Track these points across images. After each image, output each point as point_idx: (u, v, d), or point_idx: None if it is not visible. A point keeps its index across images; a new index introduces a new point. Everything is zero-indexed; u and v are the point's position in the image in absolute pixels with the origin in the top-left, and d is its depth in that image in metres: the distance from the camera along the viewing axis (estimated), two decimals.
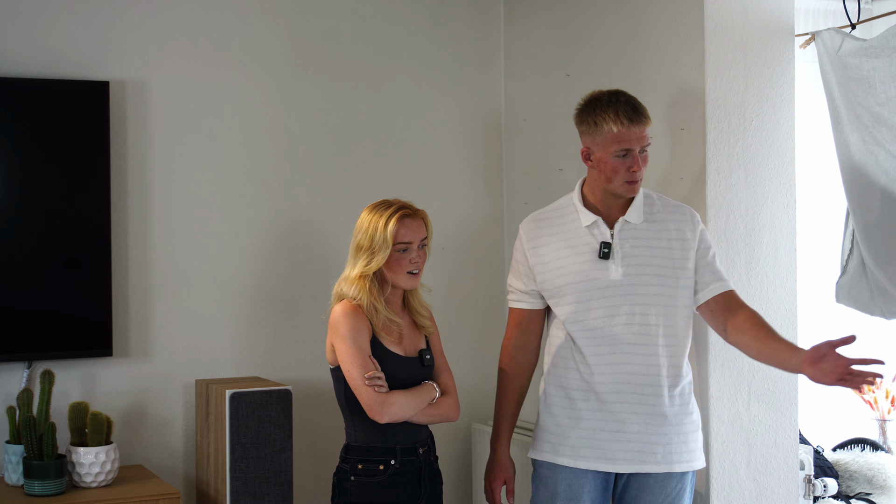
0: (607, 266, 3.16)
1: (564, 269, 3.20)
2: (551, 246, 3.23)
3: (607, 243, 3.17)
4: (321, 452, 3.98)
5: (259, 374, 4.02)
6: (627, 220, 3.18)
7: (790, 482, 3.59)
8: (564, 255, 3.21)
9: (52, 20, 3.74)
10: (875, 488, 4.36)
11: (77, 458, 3.45)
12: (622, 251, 3.16)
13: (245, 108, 4.04)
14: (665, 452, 3.14)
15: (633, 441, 3.13)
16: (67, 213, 3.70)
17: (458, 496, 4.38)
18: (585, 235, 3.20)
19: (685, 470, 3.18)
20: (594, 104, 3.17)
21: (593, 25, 4.00)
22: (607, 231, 3.19)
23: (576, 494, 3.17)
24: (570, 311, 3.19)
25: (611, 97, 3.15)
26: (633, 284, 3.15)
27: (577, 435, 3.17)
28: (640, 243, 3.18)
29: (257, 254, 4.04)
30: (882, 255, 3.46)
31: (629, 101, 3.13)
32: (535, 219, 3.32)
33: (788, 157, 3.60)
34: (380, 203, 3.16)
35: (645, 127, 3.12)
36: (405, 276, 3.14)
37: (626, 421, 3.13)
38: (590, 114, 3.17)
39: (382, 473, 3.12)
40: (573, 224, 3.23)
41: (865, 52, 3.40)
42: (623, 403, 3.14)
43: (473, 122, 4.44)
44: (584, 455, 3.16)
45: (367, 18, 4.24)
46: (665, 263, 3.17)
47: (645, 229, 3.19)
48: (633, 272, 3.15)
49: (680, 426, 3.17)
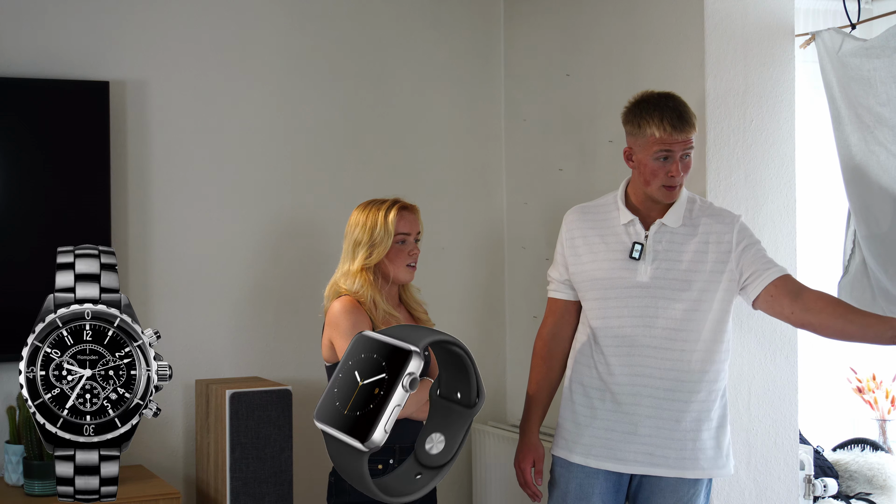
0: (636, 267, 3.12)
1: (595, 265, 3.17)
2: (588, 239, 3.20)
3: (640, 244, 3.12)
4: (321, 452, 3.97)
5: (259, 374, 4.02)
6: (664, 223, 3.12)
7: (790, 482, 3.59)
8: (598, 249, 3.18)
9: (52, 20, 3.75)
10: (875, 488, 4.36)
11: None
12: (653, 253, 3.11)
13: (245, 107, 4.04)
14: (677, 458, 3.10)
15: (645, 444, 3.11)
16: (68, 213, 3.70)
17: (459, 496, 4.38)
18: (621, 234, 3.16)
19: (698, 477, 3.13)
20: (641, 106, 3.10)
21: (593, 25, 4.00)
22: (642, 231, 3.14)
23: (586, 494, 3.15)
24: (594, 307, 3.17)
25: (659, 100, 3.09)
26: (659, 288, 3.09)
27: (591, 434, 3.16)
28: (674, 247, 3.11)
29: (257, 254, 4.05)
30: (884, 256, 3.46)
31: (676, 108, 3.06)
32: (578, 210, 3.28)
33: (788, 157, 3.60)
34: (372, 201, 3.19)
35: (689, 133, 3.05)
36: (404, 269, 3.16)
37: (639, 423, 3.11)
38: (635, 114, 3.10)
39: (381, 473, 3.12)
40: (612, 221, 3.19)
41: (866, 53, 3.40)
42: (637, 406, 3.11)
43: (473, 122, 4.44)
44: (596, 454, 3.15)
45: (367, 18, 4.24)
46: (697, 268, 3.10)
47: (682, 233, 3.13)
48: (661, 276, 3.10)
49: (697, 432, 3.11)
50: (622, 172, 3.82)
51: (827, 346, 4.76)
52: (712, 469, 3.14)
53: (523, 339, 4.35)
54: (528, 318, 4.32)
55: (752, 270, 3.07)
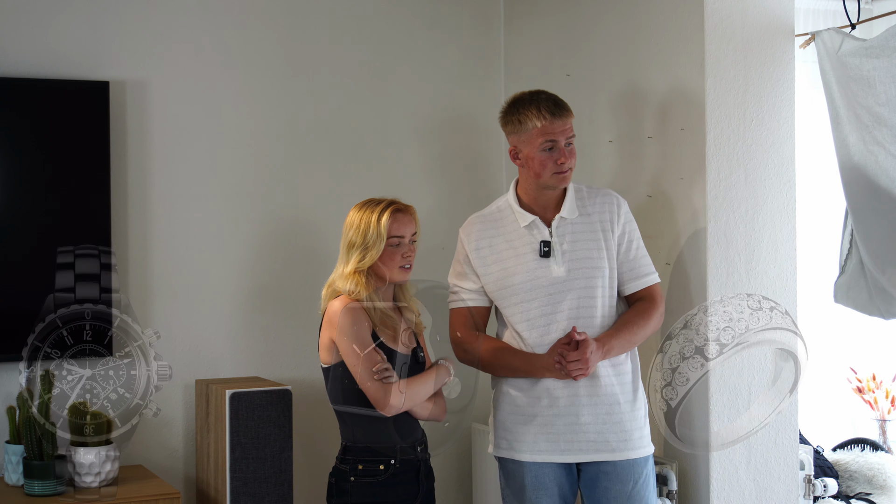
0: (549, 264, 3.21)
1: (508, 270, 3.25)
2: (494, 248, 3.28)
3: (547, 242, 3.22)
4: (321, 452, 3.98)
5: (259, 374, 4.02)
6: (563, 217, 3.24)
7: (790, 482, 3.59)
8: (507, 255, 3.26)
9: (52, 20, 3.75)
10: (875, 488, 4.36)
11: (77, 458, 3.45)
12: (562, 248, 3.22)
13: (245, 108, 4.04)
14: (619, 440, 3.19)
15: (587, 431, 3.19)
16: (67, 213, 3.70)
17: (459, 496, 4.38)
18: (525, 235, 3.25)
19: (643, 455, 3.22)
20: (517, 104, 3.23)
21: (593, 25, 4.00)
22: (545, 229, 3.24)
23: (542, 484, 3.22)
24: (516, 310, 3.24)
25: (532, 95, 3.22)
26: (575, 279, 3.20)
27: (533, 431, 3.22)
28: (577, 237, 3.23)
29: (257, 254, 4.04)
30: (881, 256, 3.45)
31: (550, 97, 3.21)
32: (477, 220, 3.36)
33: (788, 157, 3.60)
34: (368, 200, 3.19)
35: (568, 120, 3.19)
36: (398, 270, 3.16)
37: (579, 413, 3.19)
38: (513, 113, 3.23)
39: (383, 473, 3.12)
40: (512, 225, 3.28)
41: (865, 53, 3.40)
42: (574, 396, 3.19)
43: (473, 122, 4.44)
44: (542, 449, 3.22)
45: (366, 19, 4.24)
46: (601, 255, 3.22)
47: (580, 223, 3.25)
48: (574, 267, 3.20)
49: (632, 412, 3.22)
50: (622, 172, 3.82)
51: (827, 347, 4.77)
52: (649, 447, 3.24)
53: None
54: None
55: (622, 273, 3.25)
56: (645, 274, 3.27)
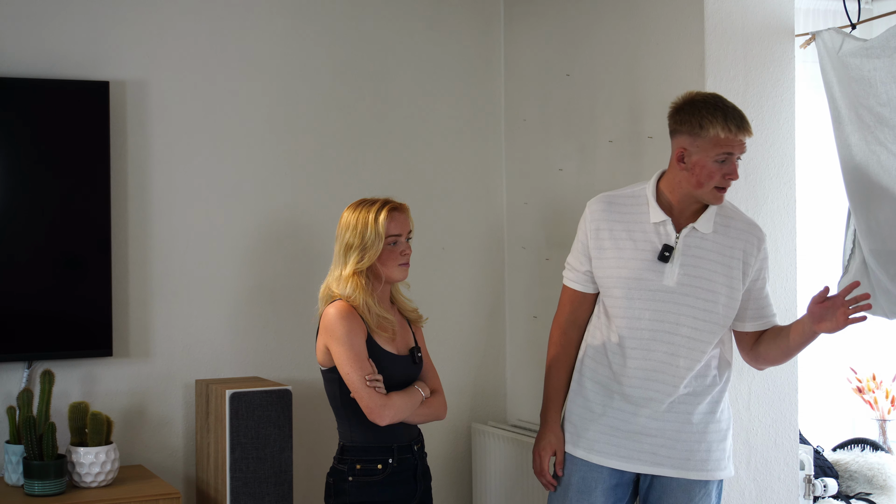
0: (663, 269, 3.08)
1: (620, 262, 3.12)
2: (614, 233, 3.14)
3: (670, 247, 3.07)
4: (321, 452, 3.98)
5: (259, 374, 4.02)
6: (696, 228, 3.09)
7: (790, 482, 3.59)
8: (624, 246, 3.12)
9: (52, 20, 3.75)
10: (875, 488, 4.36)
11: (77, 458, 3.45)
12: (682, 258, 3.08)
13: (245, 108, 4.04)
14: (683, 458, 3.10)
15: (651, 443, 3.11)
16: (67, 213, 3.70)
17: (458, 496, 4.38)
18: (650, 233, 3.11)
19: (704, 478, 3.13)
20: (700, 105, 3.04)
21: (593, 25, 4.00)
22: (673, 234, 3.09)
23: (588, 487, 3.15)
24: (617, 304, 3.12)
25: (717, 101, 3.04)
26: (684, 294, 3.07)
27: (596, 429, 3.15)
28: (704, 254, 3.08)
29: (257, 254, 4.04)
30: (884, 255, 3.46)
31: (736, 110, 3.04)
32: (604, 200, 3.20)
33: (788, 157, 3.60)
34: (361, 201, 3.18)
35: (746, 137, 3.03)
36: (398, 268, 3.15)
37: (648, 423, 3.11)
38: (694, 115, 3.02)
39: (381, 473, 3.12)
40: (641, 217, 3.12)
41: (866, 53, 3.40)
42: (647, 406, 3.10)
43: (473, 122, 4.44)
44: (599, 450, 3.14)
45: (367, 18, 4.24)
46: (722, 281, 3.08)
47: (712, 241, 3.10)
48: (687, 282, 3.07)
49: (703, 434, 3.12)
50: (622, 172, 3.82)
51: (827, 347, 4.77)
52: (716, 471, 3.14)
53: (523, 339, 4.35)
54: (528, 318, 4.31)
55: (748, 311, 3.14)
56: (772, 314, 3.16)
